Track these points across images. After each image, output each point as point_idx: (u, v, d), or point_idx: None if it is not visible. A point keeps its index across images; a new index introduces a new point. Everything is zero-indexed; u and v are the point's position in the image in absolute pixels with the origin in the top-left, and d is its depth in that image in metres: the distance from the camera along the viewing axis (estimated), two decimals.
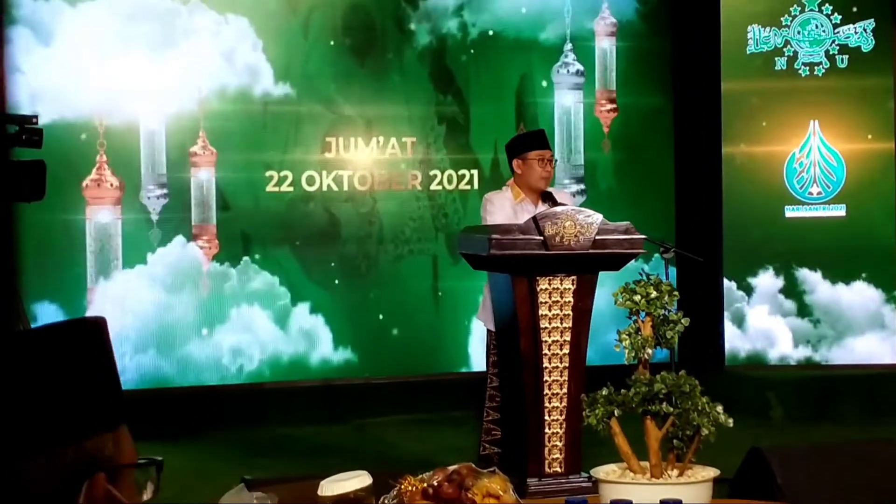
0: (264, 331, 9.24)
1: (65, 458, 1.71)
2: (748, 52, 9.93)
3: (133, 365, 8.84)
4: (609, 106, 10.11)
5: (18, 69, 8.62)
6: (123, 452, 1.78)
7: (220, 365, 9.12)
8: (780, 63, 9.92)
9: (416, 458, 8.10)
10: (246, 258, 9.19)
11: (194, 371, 9.06)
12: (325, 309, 9.40)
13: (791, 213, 9.91)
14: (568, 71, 9.98)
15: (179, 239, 9.02)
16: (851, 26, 9.90)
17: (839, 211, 9.88)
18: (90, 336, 1.81)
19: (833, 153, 9.87)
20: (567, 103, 10.02)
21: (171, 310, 9.00)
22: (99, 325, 1.83)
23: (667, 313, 4.67)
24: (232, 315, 9.15)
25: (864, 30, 9.88)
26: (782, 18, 9.93)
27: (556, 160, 6.68)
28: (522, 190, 6.59)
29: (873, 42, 9.85)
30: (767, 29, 9.92)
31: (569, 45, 9.97)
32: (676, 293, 4.73)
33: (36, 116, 5.74)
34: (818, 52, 9.92)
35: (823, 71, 9.92)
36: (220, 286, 9.14)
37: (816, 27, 9.93)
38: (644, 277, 4.72)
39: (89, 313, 8.71)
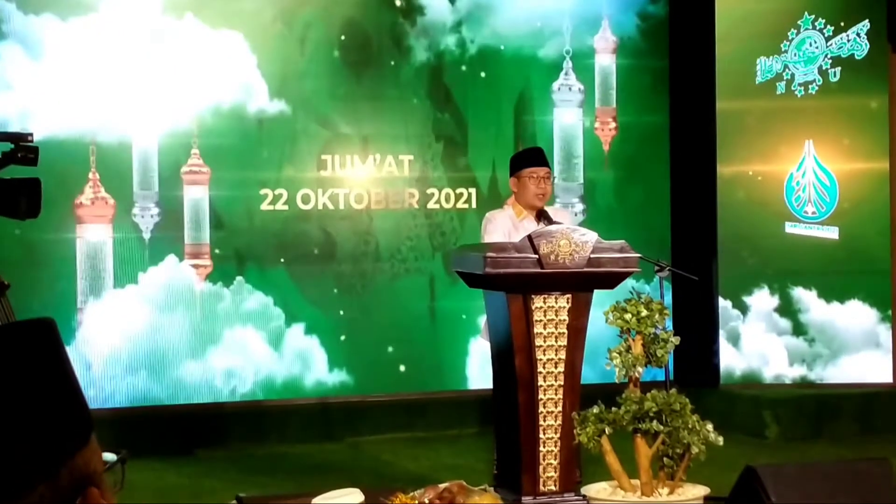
0: (258, 352, 9.21)
1: (57, 487, 1.70)
2: (757, 83, 9.93)
3: (124, 386, 8.80)
4: (610, 125, 10.10)
5: (8, 85, 8.62)
6: (98, 457, 1.78)
7: (212, 387, 9.07)
8: (780, 87, 9.93)
9: (412, 476, 8.09)
10: (240, 278, 9.16)
11: (186, 393, 9.01)
12: (320, 329, 9.37)
13: (786, 231, 9.91)
14: (568, 88, 9.97)
15: (172, 258, 8.99)
16: (844, 35, 9.90)
17: (833, 230, 9.88)
18: (39, 343, 1.76)
19: (827, 173, 9.88)
20: (567, 121, 10.01)
21: (163, 331, 8.96)
22: (47, 327, 1.79)
23: (657, 332, 4.69)
24: (225, 336, 9.11)
25: (858, 34, 9.86)
26: (782, 44, 9.93)
27: (554, 177, 6.67)
28: (523, 207, 6.61)
29: (867, 46, 9.83)
30: (771, 58, 9.92)
31: (568, 63, 9.96)
32: (667, 312, 4.74)
33: (31, 134, 5.72)
34: (812, 71, 9.93)
35: (817, 88, 9.93)
36: (214, 306, 9.10)
37: (810, 45, 9.95)
38: (635, 296, 4.73)
39: (79, 334, 8.69)
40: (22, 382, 1.70)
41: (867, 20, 9.84)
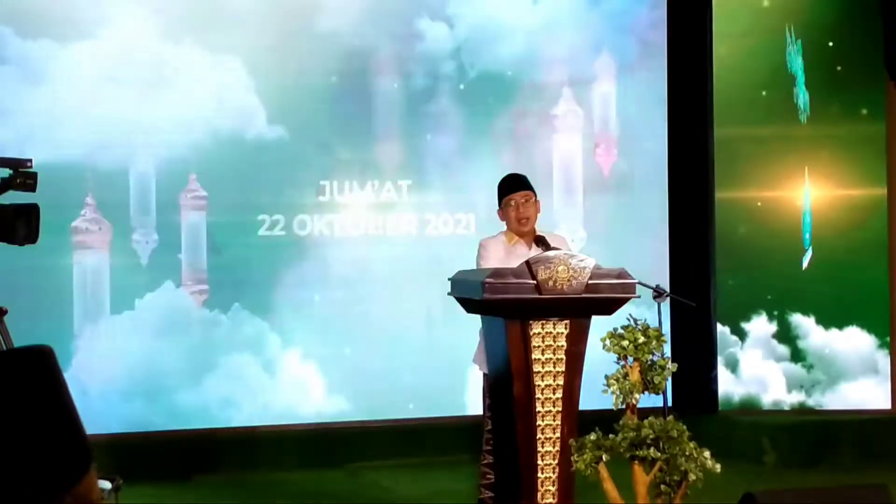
0: (254, 379, 9.19)
1: None
2: (753, 108, 9.97)
3: (121, 412, 8.77)
4: (608, 150, 10.10)
5: (6, 109, 8.62)
6: (97, 485, 1.78)
7: (208, 414, 9.05)
8: (777, 108, 9.95)
9: (411, 501, 8.09)
10: (237, 304, 9.14)
11: (183, 420, 8.99)
12: (316, 356, 9.35)
13: (784, 258, 9.92)
14: (567, 114, 9.97)
15: (169, 284, 8.98)
16: (838, 70, 9.95)
17: (832, 256, 9.89)
18: (38, 371, 1.76)
19: (825, 199, 9.89)
20: (566, 146, 10.01)
21: (159, 356, 8.94)
22: (45, 355, 1.79)
23: (655, 358, 4.68)
24: (221, 363, 9.10)
25: (853, 70, 9.94)
26: (776, 62, 9.98)
27: (537, 199, 6.64)
28: (515, 234, 6.61)
29: (858, 97, 9.93)
30: (766, 72, 9.97)
31: (568, 89, 9.97)
32: (664, 338, 4.73)
33: (30, 160, 5.73)
34: (806, 95, 9.95)
35: (816, 118, 9.96)
36: (210, 333, 9.08)
37: (805, 71, 9.98)
38: (632, 322, 4.72)
39: (76, 360, 8.67)
40: (23, 411, 1.70)
41: (862, 56, 9.93)
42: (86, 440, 1.77)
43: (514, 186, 6.65)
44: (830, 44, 10.02)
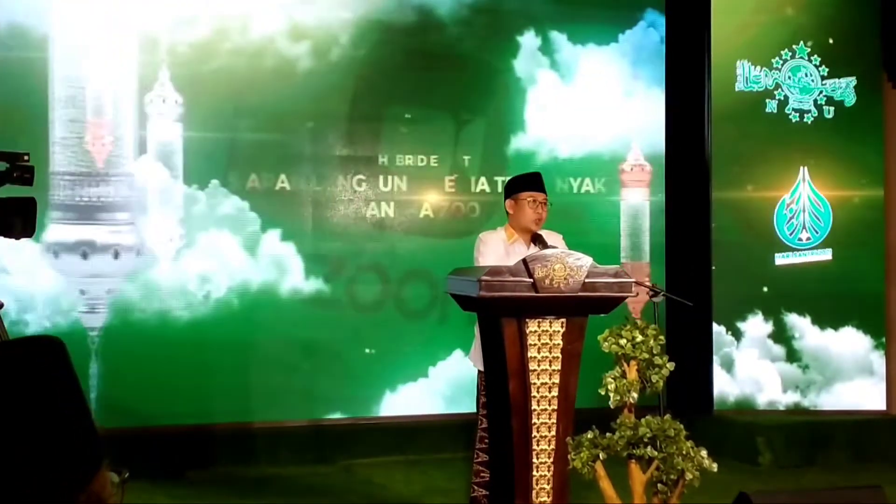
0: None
1: None
2: (736, 90, 9.97)
3: (114, 404, 8.77)
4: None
5: None
6: (109, 479, 1.77)
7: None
8: (771, 105, 9.96)
9: (404, 499, 8.09)
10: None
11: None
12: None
13: (781, 258, 9.92)
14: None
15: None
16: (836, 80, 9.97)
17: (828, 257, 9.90)
18: (53, 364, 1.75)
19: (822, 199, 9.90)
20: None
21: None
22: (58, 347, 1.78)
23: (653, 357, 4.67)
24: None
25: (852, 80, 9.97)
26: (773, 60, 9.98)
27: (550, 204, 6.67)
28: (515, 231, 6.60)
29: (855, 98, 9.94)
30: (758, 68, 9.96)
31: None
32: (662, 338, 4.73)
33: (27, 154, 5.72)
34: (807, 100, 9.97)
35: (812, 119, 9.97)
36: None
37: (806, 75, 9.99)
38: (630, 321, 4.72)
39: None
40: (40, 405, 1.69)
41: (861, 67, 9.95)
42: (98, 437, 1.76)
43: (536, 185, 6.67)
44: (830, 40, 10.02)
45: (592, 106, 10.08)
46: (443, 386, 9.61)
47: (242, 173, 9.19)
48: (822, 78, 9.99)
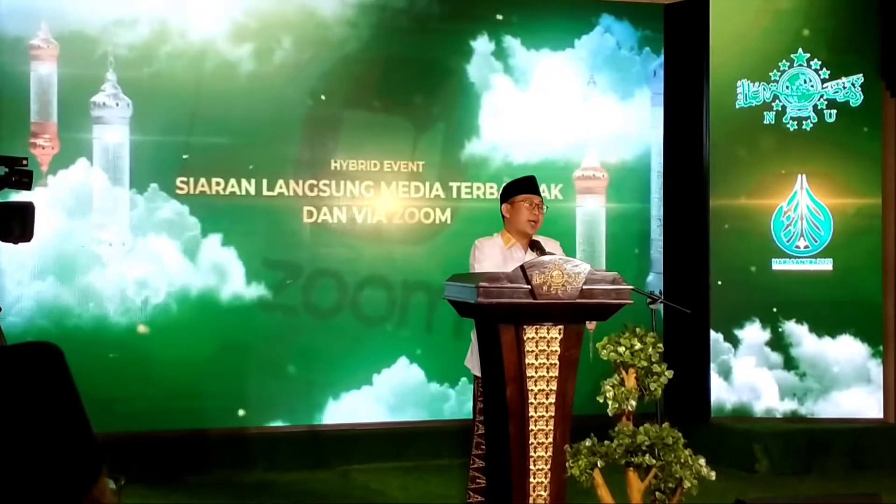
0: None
1: None
2: (737, 107, 9.97)
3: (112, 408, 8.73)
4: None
5: None
6: (108, 485, 1.77)
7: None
8: (769, 117, 9.96)
9: None
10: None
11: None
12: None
13: (778, 266, 9.92)
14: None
15: None
16: (839, 81, 9.96)
17: (826, 265, 9.90)
18: (50, 371, 1.75)
19: (820, 207, 9.90)
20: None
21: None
22: (55, 355, 1.77)
23: (651, 365, 4.67)
24: None
25: (853, 84, 9.96)
26: (771, 73, 9.99)
27: (546, 207, 6.68)
28: (512, 235, 6.61)
29: (862, 97, 9.92)
30: (756, 84, 9.97)
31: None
32: (661, 345, 4.72)
33: (26, 158, 5.72)
34: (806, 107, 9.97)
35: (811, 125, 9.97)
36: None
37: (805, 82, 9.99)
38: (629, 329, 4.72)
39: None
40: (40, 412, 1.69)
41: (860, 74, 9.93)
42: (97, 443, 1.76)
43: (532, 188, 6.68)
44: (830, 48, 10.04)
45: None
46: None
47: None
48: (823, 81, 9.97)
